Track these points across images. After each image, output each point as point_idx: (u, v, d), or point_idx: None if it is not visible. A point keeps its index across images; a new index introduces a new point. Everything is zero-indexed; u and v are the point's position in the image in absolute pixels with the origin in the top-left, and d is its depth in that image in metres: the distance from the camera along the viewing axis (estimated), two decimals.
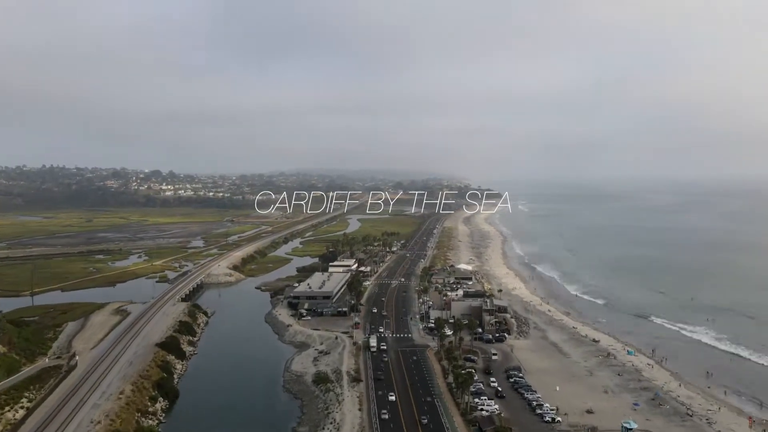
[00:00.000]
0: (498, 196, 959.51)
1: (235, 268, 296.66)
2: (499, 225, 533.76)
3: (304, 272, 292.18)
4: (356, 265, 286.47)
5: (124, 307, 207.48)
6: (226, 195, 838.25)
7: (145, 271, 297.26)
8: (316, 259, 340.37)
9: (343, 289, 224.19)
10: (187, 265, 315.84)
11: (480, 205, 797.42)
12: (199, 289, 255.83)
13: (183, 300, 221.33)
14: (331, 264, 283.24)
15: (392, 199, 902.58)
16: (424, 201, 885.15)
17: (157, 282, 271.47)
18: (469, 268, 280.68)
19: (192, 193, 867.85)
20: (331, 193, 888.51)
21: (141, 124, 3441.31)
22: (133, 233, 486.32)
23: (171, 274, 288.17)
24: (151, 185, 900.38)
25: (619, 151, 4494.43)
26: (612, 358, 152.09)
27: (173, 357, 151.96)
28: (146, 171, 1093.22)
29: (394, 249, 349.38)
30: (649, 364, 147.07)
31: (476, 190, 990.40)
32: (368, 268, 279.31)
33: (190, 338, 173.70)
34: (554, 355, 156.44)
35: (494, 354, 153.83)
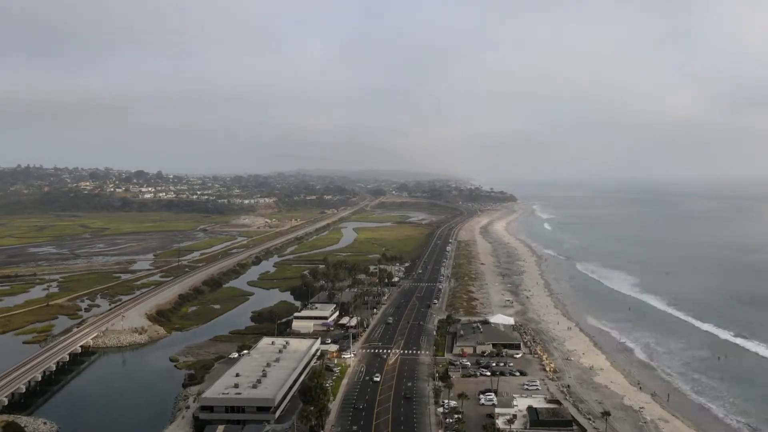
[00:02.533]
0: (511, 198, 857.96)
1: (155, 316, 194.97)
2: (525, 236, 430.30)
3: (259, 322, 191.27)
4: (335, 315, 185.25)
5: None
6: (211, 198, 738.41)
7: (21, 320, 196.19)
8: (287, 294, 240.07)
9: (300, 381, 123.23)
10: (98, 306, 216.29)
11: (495, 209, 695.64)
12: (78, 357, 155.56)
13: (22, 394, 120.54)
14: (296, 316, 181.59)
15: (396, 203, 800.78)
16: (431, 203, 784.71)
17: (25, 343, 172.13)
18: (509, 320, 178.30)
19: (173, 195, 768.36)
20: (327, 197, 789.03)
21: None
22: (77, 247, 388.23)
23: (62, 324, 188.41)
24: (130, 187, 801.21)
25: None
26: None
27: None
28: (131, 171, 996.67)
29: (395, 279, 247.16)
30: None
31: (488, 192, 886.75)
32: (354, 321, 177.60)
33: None
34: None
35: None
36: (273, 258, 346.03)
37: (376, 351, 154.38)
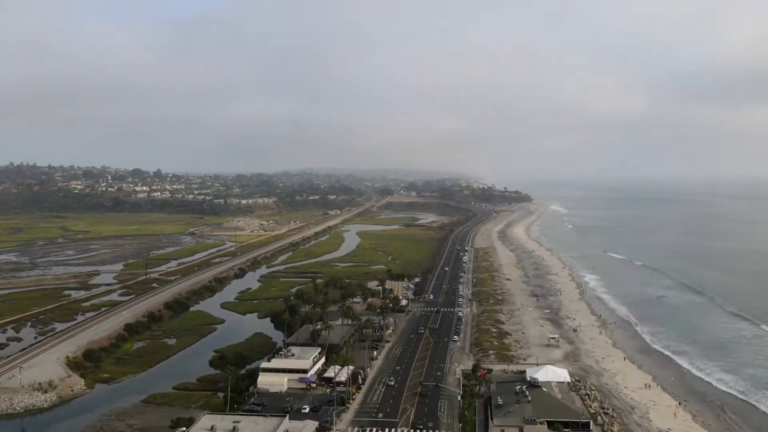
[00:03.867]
0: (526, 198, 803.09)
1: (79, 360, 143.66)
2: (551, 244, 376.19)
3: (221, 368, 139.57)
4: (319, 363, 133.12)
5: None
6: (207, 198, 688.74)
7: None
8: (266, 323, 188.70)
9: None
10: (20, 339, 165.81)
11: (511, 211, 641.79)
12: None
13: None
14: (264, 368, 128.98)
15: (404, 204, 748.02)
16: (442, 204, 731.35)
17: None
18: (563, 374, 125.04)
19: (168, 195, 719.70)
20: (331, 197, 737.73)
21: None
22: (43, 254, 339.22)
23: None
24: (123, 186, 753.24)
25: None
26: None
27: None
28: (129, 169, 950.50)
29: (403, 302, 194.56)
30: None
31: (501, 192, 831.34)
32: (344, 374, 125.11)
33: None
34: None
35: None
36: (261, 269, 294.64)
37: (374, 430, 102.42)
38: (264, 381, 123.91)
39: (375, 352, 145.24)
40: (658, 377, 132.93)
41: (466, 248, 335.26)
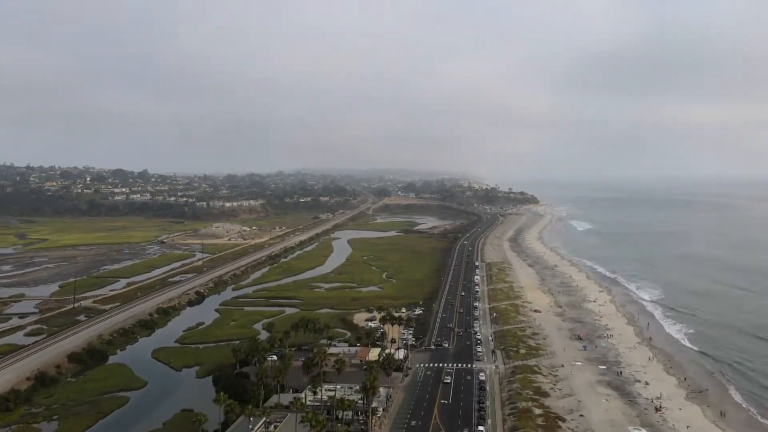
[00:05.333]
0: (532, 200, 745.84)
1: None
2: (573, 255, 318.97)
3: None
4: None
5: None
6: (190, 200, 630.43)
7: None
8: (207, 384, 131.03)
9: None
10: None
11: (518, 214, 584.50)
12: None
13: None
14: None
15: (402, 206, 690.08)
16: (442, 206, 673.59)
17: None
18: None
19: (149, 197, 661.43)
20: (323, 199, 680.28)
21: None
22: None
23: None
24: (101, 188, 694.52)
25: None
26: None
27: None
28: (111, 169, 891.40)
29: (399, 355, 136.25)
30: None
31: (506, 193, 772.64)
32: None
33: None
34: None
35: None
36: (226, 291, 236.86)
37: None
38: None
39: None
40: None
41: (476, 263, 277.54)
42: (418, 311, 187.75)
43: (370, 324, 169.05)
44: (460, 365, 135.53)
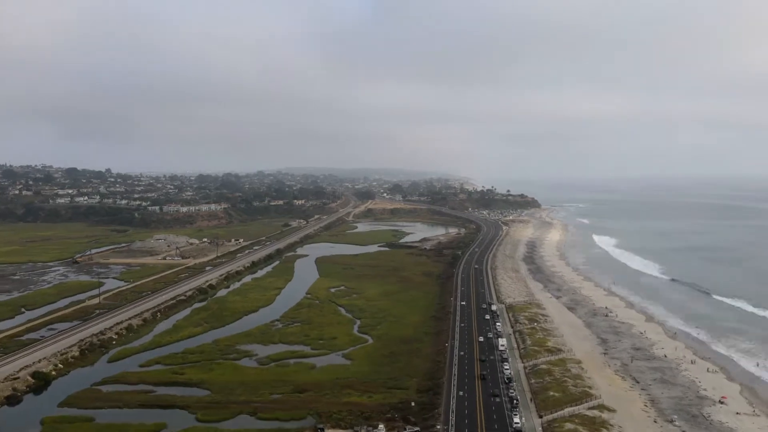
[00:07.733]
0: (533, 204, 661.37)
1: None
2: (622, 289, 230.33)
3: None
4: None
5: None
6: (143, 204, 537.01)
7: None
8: None
9: None
10: None
11: (522, 221, 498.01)
12: None
13: None
14: None
15: (387, 210, 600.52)
16: (433, 210, 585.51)
17: None
18: None
19: (97, 200, 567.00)
20: (298, 202, 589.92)
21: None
22: None
23: None
24: (42, 190, 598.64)
25: None
26: None
27: None
28: (63, 168, 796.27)
29: None
30: None
31: (504, 195, 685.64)
32: None
33: None
34: None
35: None
36: (100, 361, 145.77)
37: None
38: None
39: None
40: None
41: (492, 304, 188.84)
42: (414, 429, 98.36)
43: None
44: None
